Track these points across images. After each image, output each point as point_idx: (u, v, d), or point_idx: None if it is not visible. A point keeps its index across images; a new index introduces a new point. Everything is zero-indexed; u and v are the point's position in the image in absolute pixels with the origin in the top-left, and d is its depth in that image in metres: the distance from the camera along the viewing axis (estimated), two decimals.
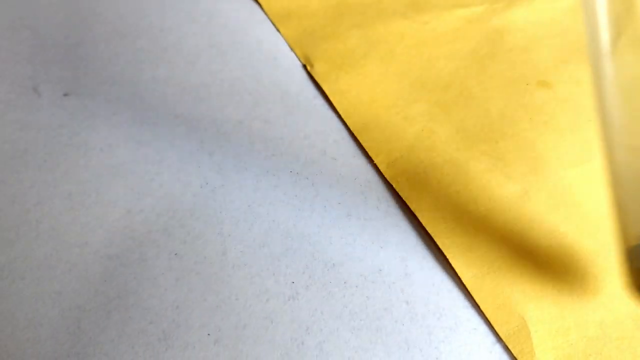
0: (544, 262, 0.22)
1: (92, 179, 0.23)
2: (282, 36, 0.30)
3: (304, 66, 0.29)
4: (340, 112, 0.26)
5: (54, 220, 0.22)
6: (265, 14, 0.32)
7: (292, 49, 0.30)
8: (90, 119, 0.26)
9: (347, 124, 0.26)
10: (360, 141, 0.25)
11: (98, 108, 0.26)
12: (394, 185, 0.24)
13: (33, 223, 0.22)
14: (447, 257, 0.22)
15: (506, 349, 0.20)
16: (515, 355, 0.19)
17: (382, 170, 0.24)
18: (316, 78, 0.28)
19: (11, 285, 0.20)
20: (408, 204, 0.23)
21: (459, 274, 0.21)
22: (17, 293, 0.20)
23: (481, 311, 0.21)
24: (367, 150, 0.25)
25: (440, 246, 0.22)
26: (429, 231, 0.22)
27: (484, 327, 0.20)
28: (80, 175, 0.23)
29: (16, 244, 0.21)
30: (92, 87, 0.27)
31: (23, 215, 0.22)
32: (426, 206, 0.23)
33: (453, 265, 0.21)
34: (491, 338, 0.20)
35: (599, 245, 0.22)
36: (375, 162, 0.25)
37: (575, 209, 0.23)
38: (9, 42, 0.28)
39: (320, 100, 0.27)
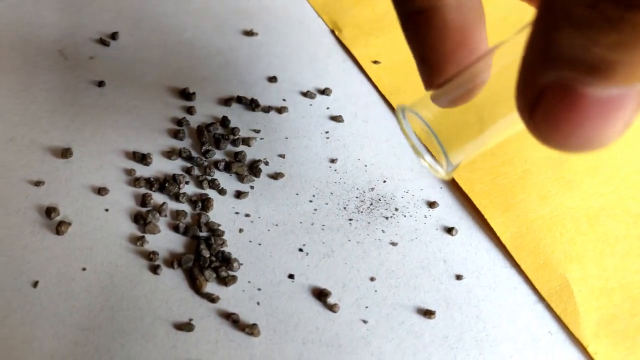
0: (583, 222, 0.21)
1: (119, 138, 0.23)
2: (309, 3, 0.30)
3: (332, 31, 0.28)
4: (371, 76, 0.26)
5: (83, 177, 0.22)
6: None
7: (319, 15, 0.29)
8: (116, 80, 0.25)
9: (378, 87, 0.26)
10: (392, 103, 0.25)
11: (124, 70, 0.26)
12: (427, 147, 0.23)
13: (63, 180, 0.22)
14: (485, 217, 0.21)
15: (548, 308, 0.19)
16: (558, 314, 0.19)
17: (416, 132, 0.24)
18: (345, 43, 0.27)
19: (42, 241, 0.20)
20: None
21: (498, 234, 0.21)
22: (48, 248, 0.20)
23: (521, 270, 0.20)
24: None
25: (478, 206, 0.21)
26: (466, 192, 0.22)
27: (524, 287, 0.20)
28: (107, 135, 0.23)
29: (46, 201, 0.21)
30: (118, 50, 0.27)
31: (53, 172, 0.22)
32: (462, 168, 0.22)
33: (491, 225, 0.21)
34: (532, 297, 0.20)
35: None
36: None
37: (615, 171, 0.23)
38: (34, 6, 0.28)
39: (349, 64, 0.27)
